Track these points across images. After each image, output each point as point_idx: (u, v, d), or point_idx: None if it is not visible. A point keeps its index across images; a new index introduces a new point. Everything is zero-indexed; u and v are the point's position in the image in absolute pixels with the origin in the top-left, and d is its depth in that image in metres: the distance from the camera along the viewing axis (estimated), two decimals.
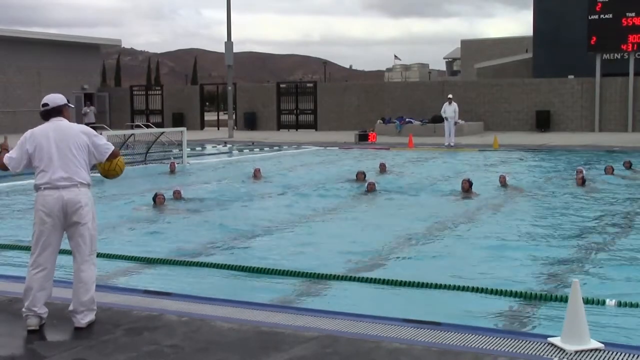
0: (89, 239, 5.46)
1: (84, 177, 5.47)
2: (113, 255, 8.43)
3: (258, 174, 16.98)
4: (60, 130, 5.50)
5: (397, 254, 8.83)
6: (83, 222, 5.42)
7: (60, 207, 5.37)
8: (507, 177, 14.84)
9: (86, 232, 5.45)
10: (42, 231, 5.40)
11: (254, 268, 7.80)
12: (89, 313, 5.45)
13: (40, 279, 5.40)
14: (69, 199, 5.38)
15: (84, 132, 5.57)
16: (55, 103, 5.62)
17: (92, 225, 5.50)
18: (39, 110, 5.63)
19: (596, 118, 32.41)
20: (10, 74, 38.82)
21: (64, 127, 5.53)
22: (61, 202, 5.37)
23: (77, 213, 5.40)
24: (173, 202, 13.06)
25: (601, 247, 9.11)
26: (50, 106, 5.59)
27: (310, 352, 4.80)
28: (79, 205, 5.40)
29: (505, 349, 4.77)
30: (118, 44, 48.33)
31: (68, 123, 5.59)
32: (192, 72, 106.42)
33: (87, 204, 5.45)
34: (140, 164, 21.06)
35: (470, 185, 13.46)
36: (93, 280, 5.49)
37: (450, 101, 27.07)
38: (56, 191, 5.38)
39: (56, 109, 5.60)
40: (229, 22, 33.69)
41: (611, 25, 30.90)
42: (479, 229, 10.50)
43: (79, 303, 5.40)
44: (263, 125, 39.62)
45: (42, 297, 5.40)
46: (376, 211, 12.50)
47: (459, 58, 62.01)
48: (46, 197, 5.39)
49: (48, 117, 5.59)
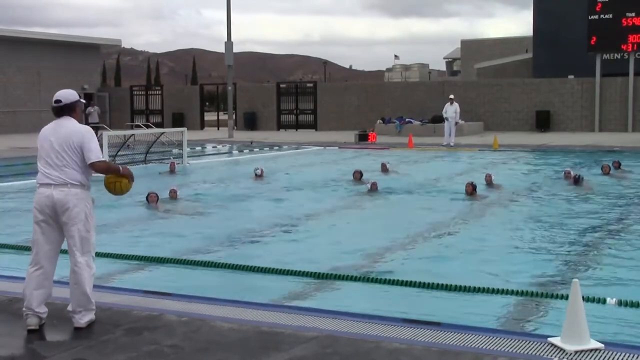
0: (79, 240, 5.42)
1: (77, 177, 5.43)
2: (113, 255, 8.42)
3: (261, 173, 17.02)
4: (61, 129, 5.49)
5: (398, 254, 8.82)
6: (72, 223, 5.40)
7: (50, 206, 5.40)
8: (492, 176, 14.99)
9: (75, 233, 5.41)
10: (36, 229, 5.46)
11: (253, 268, 7.80)
12: (86, 313, 5.45)
13: (37, 278, 5.40)
14: (59, 199, 5.38)
15: (82, 133, 5.50)
16: (68, 100, 5.60)
17: (84, 226, 5.44)
18: (51, 106, 5.61)
19: (596, 118, 32.41)
20: (10, 74, 38.83)
21: (65, 127, 5.51)
22: (51, 201, 5.39)
23: (66, 213, 5.39)
24: (171, 202, 13.06)
25: (601, 246, 9.10)
26: (64, 103, 5.58)
27: (310, 352, 4.80)
28: (68, 205, 5.38)
29: (505, 349, 4.77)
30: (118, 44, 48.33)
31: (72, 123, 5.54)
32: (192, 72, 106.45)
33: (76, 205, 5.40)
34: (141, 164, 21.07)
35: (474, 188, 13.40)
36: (87, 281, 5.43)
37: (451, 101, 27.13)
38: (48, 189, 5.41)
39: (69, 106, 5.59)
40: (229, 22, 33.68)
41: (611, 25, 30.91)
42: (478, 229, 10.50)
43: (75, 304, 5.42)
44: (263, 125, 39.62)
45: (39, 296, 5.39)
46: (376, 211, 12.49)
47: (459, 58, 62.02)
48: (39, 195, 5.45)
49: (60, 114, 5.58)
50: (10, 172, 18.64)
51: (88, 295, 5.43)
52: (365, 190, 14.27)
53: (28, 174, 17.12)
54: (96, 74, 46.57)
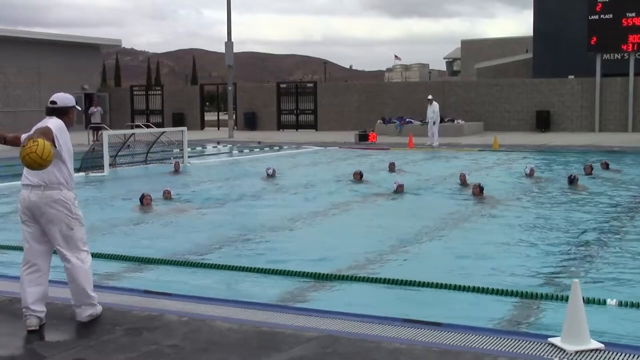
0: (62, 240, 5.43)
1: (54, 178, 5.38)
2: (113, 255, 8.43)
3: (273, 173, 17.04)
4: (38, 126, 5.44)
5: (398, 254, 8.82)
6: (51, 225, 5.41)
7: (29, 207, 5.44)
8: (466, 175, 15.30)
9: (57, 233, 5.42)
10: (23, 229, 5.53)
11: (254, 268, 7.80)
12: (87, 308, 5.52)
13: (29, 276, 5.44)
14: (34, 202, 5.41)
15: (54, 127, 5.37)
16: (63, 103, 5.60)
17: (66, 225, 5.42)
18: (46, 106, 5.61)
19: (596, 118, 32.40)
20: (10, 74, 38.81)
21: (42, 124, 5.44)
22: (28, 203, 5.43)
23: (44, 216, 5.40)
24: (171, 202, 13.06)
25: (601, 246, 9.10)
26: (58, 105, 5.58)
27: (310, 352, 4.80)
28: (43, 209, 5.38)
29: (505, 349, 4.77)
30: (118, 44, 48.30)
31: (52, 122, 5.42)
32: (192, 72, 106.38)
33: (52, 207, 5.37)
34: (142, 164, 21.07)
35: (481, 190, 13.34)
36: (82, 277, 5.46)
37: (430, 102, 27.50)
38: (26, 191, 5.46)
39: (61, 109, 5.58)
40: (229, 22, 33.69)
41: (611, 26, 30.90)
42: (478, 229, 10.50)
43: (75, 299, 5.53)
44: (263, 125, 39.62)
45: (34, 294, 5.40)
46: (377, 211, 12.49)
47: (459, 58, 62.02)
48: (20, 196, 5.52)
49: (51, 115, 5.56)
50: (10, 172, 18.63)
51: (86, 291, 5.48)
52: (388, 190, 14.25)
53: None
54: (96, 74, 46.54)
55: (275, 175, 16.98)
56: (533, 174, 16.40)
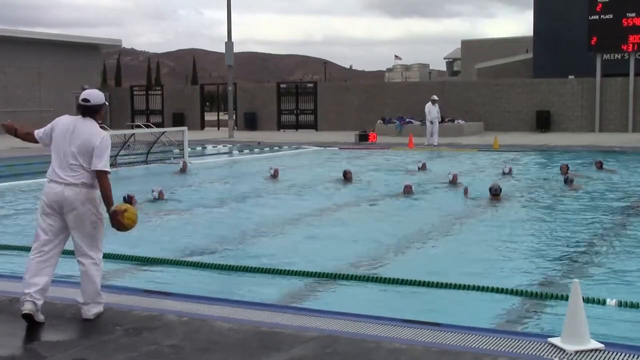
0: (87, 238, 5.56)
1: (88, 178, 5.52)
2: (113, 255, 8.42)
3: (277, 173, 17.05)
4: (83, 133, 5.55)
5: (398, 254, 8.82)
6: (79, 222, 5.52)
7: (59, 202, 5.49)
8: (457, 175, 15.41)
9: (83, 231, 5.54)
10: (41, 221, 5.56)
11: (254, 268, 7.80)
12: (95, 305, 5.61)
13: (37, 264, 5.49)
14: (68, 197, 5.47)
15: (100, 139, 5.55)
16: (95, 102, 5.69)
17: (91, 224, 5.56)
18: (78, 103, 5.69)
19: (596, 118, 32.39)
20: (10, 74, 38.83)
21: (85, 131, 5.56)
22: (61, 198, 5.48)
23: (74, 212, 5.50)
24: (171, 203, 13.07)
25: (601, 246, 9.10)
26: (92, 103, 5.66)
27: (310, 352, 4.80)
28: (76, 205, 5.48)
29: (505, 349, 4.77)
30: (118, 44, 48.34)
31: (93, 126, 5.61)
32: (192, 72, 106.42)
33: (84, 204, 5.51)
34: (142, 164, 21.08)
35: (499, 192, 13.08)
36: (98, 277, 5.61)
37: (434, 102, 27.76)
38: (59, 186, 5.50)
39: (95, 108, 5.67)
40: (229, 22, 33.68)
41: (611, 26, 30.89)
42: (478, 229, 10.49)
43: (86, 297, 5.59)
44: (263, 125, 39.61)
45: (38, 282, 5.43)
46: (377, 210, 12.49)
47: (459, 58, 62.05)
48: (49, 190, 5.54)
49: (84, 114, 5.65)
50: (11, 172, 18.64)
51: (98, 289, 5.61)
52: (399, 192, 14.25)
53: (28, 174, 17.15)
54: (96, 74, 46.57)
55: (277, 176, 16.98)
56: (511, 173, 17.02)
